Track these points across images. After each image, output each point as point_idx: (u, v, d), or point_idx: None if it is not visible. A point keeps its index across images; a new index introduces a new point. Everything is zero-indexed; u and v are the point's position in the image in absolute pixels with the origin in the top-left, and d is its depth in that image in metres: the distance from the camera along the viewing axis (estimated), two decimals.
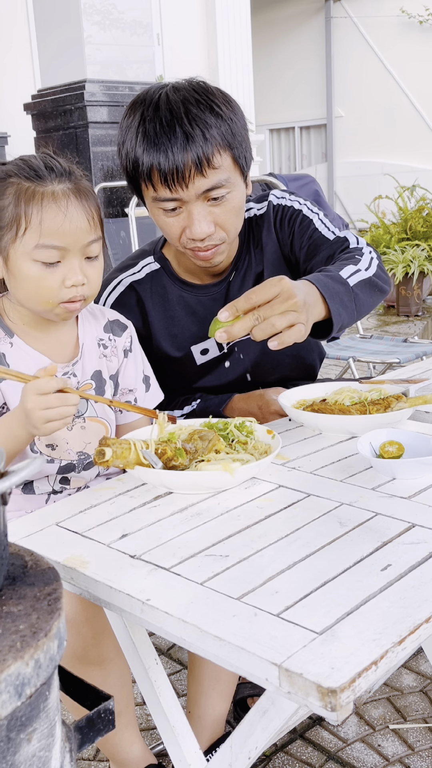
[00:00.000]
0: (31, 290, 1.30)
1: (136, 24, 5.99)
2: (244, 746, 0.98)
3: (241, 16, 8.03)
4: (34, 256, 1.27)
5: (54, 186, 1.28)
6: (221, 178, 1.40)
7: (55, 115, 5.71)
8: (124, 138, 1.43)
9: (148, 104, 1.39)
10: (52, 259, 1.27)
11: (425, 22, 9.80)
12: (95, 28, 5.78)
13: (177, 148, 1.35)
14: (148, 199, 1.45)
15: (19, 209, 1.27)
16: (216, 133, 1.37)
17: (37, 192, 1.27)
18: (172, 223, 1.44)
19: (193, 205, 1.41)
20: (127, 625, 1.06)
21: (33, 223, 1.26)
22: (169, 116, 1.36)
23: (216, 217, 1.44)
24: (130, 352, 1.51)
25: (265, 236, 1.67)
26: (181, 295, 1.65)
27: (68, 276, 1.28)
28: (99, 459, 1.13)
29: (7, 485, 0.64)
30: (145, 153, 1.38)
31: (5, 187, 1.29)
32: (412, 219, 6.11)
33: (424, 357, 3.26)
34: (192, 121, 1.36)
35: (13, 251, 1.28)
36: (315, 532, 1.00)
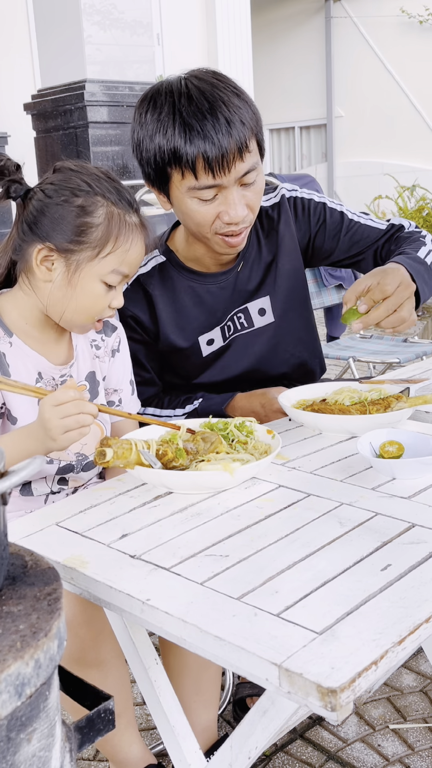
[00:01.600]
0: (87, 305, 1.34)
1: (136, 24, 5.99)
2: (244, 746, 0.98)
3: (241, 16, 8.03)
4: (106, 278, 1.33)
5: (134, 218, 1.35)
6: (254, 161, 1.45)
7: (55, 115, 5.72)
8: (152, 132, 1.42)
9: (177, 95, 1.40)
10: (116, 283, 1.35)
11: (425, 22, 9.80)
12: (95, 28, 5.78)
13: (222, 134, 1.38)
14: (181, 189, 1.44)
15: (110, 233, 1.31)
16: (247, 117, 1.42)
17: (128, 222, 1.33)
18: (207, 211, 1.46)
19: (231, 190, 1.44)
20: (127, 625, 1.06)
21: (120, 250, 1.32)
22: (207, 104, 1.38)
23: (248, 200, 1.47)
24: (117, 352, 1.53)
25: (282, 227, 1.70)
26: (189, 285, 1.66)
27: (117, 299, 1.37)
28: (100, 459, 1.13)
29: (7, 485, 0.64)
30: (189, 143, 1.38)
31: (96, 205, 1.32)
32: (412, 219, 6.11)
33: (424, 357, 3.26)
34: (228, 107, 1.39)
35: (88, 268, 1.32)
36: (315, 532, 1.00)
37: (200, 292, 1.66)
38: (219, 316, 1.68)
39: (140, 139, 1.46)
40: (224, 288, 1.67)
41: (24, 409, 1.35)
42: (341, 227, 1.72)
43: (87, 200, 1.31)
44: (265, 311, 1.70)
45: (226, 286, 1.67)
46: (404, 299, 1.39)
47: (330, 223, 1.71)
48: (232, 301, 1.68)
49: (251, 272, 1.69)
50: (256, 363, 1.71)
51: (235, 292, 1.68)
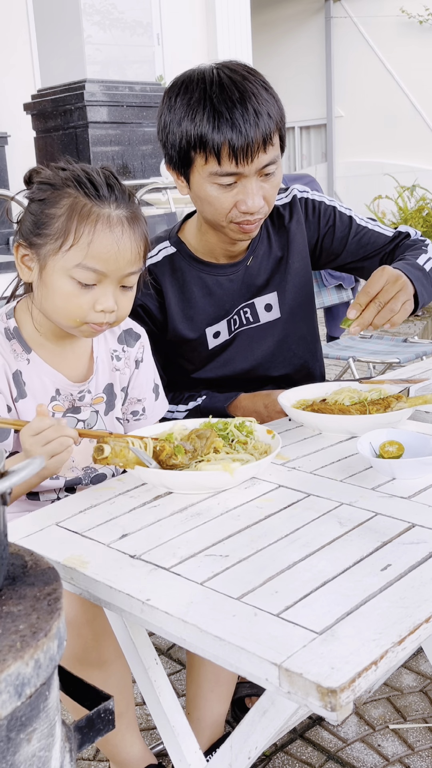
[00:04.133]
0: (59, 304, 1.27)
1: (136, 24, 5.99)
2: (244, 746, 0.98)
3: (241, 16, 8.03)
4: (73, 273, 1.25)
5: (111, 209, 1.26)
6: (275, 155, 1.48)
7: (55, 115, 5.72)
8: (180, 116, 1.45)
9: (209, 82, 1.43)
10: (89, 281, 1.25)
11: (425, 22, 9.80)
12: (95, 28, 5.78)
13: (249, 125, 1.40)
14: (203, 173, 1.47)
15: (71, 224, 1.24)
16: (274, 111, 1.45)
17: (93, 212, 1.24)
18: (225, 198, 1.48)
19: (250, 180, 1.46)
20: (127, 625, 1.06)
21: (81, 242, 1.23)
22: (238, 94, 1.41)
23: (265, 192, 1.50)
24: (141, 363, 1.50)
25: (293, 226, 1.73)
26: (199, 276, 1.67)
27: (100, 300, 1.27)
28: (98, 456, 1.13)
29: (7, 485, 0.64)
30: (216, 129, 1.41)
31: (61, 197, 1.26)
32: (412, 219, 6.11)
33: (424, 357, 3.26)
34: (258, 99, 1.42)
35: (51, 262, 1.26)
36: (315, 532, 1.00)
37: (209, 283, 1.68)
38: (227, 308, 1.69)
39: (167, 123, 1.48)
40: (233, 281, 1.69)
41: None
42: (349, 231, 1.75)
43: (53, 193, 1.27)
44: (272, 307, 1.72)
45: (235, 279, 1.69)
46: (393, 294, 1.43)
47: (339, 226, 1.75)
48: (240, 294, 1.70)
49: (260, 267, 1.71)
50: (260, 359, 1.72)
51: (243, 285, 1.70)
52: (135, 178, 5.71)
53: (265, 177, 1.48)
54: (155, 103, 5.87)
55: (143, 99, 5.79)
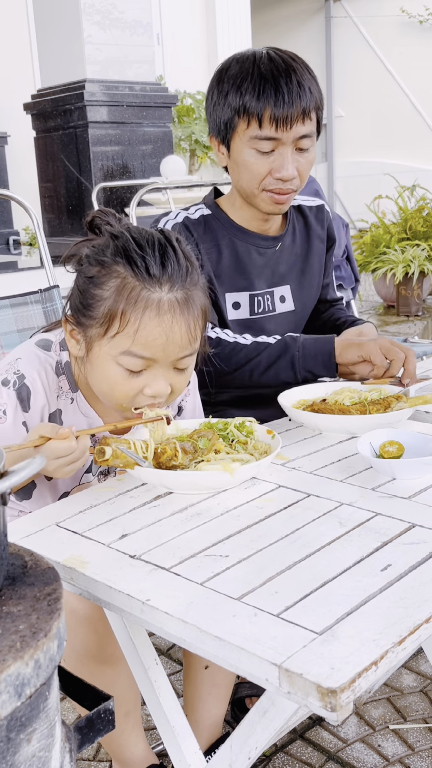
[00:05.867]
0: (105, 389, 1.22)
1: (136, 24, 5.99)
2: (244, 746, 0.98)
3: (241, 16, 8.03)
4: (119, 360, 1.18)
5: (162, 293, 1.17)
6: (311, 130, 1.59)
7: (55, 114, 5.71)
8: (229, 87, 1.56)
9: (259, 58, 1.55)
10: (137, 368, 1.19)
11: (425, 22, 9.79)
12: (95, 28, 5.78)
13: (292, 94, 1.52)
14: (244, 138, 1.56)
15: (116, 309, 1.16)
16: (315, 91, 1.58)
17: (142, 297, 1.16)
18: (261, 163, 1.57)
19: (287, 148, 1.56)
20: (127, 625, 1.06)
21: (128, 330, 1.16)
22: (284, 66, 1.54)
23: (299, 165, 1.59)
24: (183, 410, 1.46)
25: (318, 229, 1.84)
26: (231, 240, 1.72)
27: (151, 385, 1.20)
28: (99, 458, 1.13)
29: (7, 485, 0.64)
30: (261, 94, 1.52)
31: (109, 276, 1.18)
32: (412, 219, 6.10)
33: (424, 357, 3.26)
34: (302, 77, 1.55)
35: (98, 346, 1.20)
36: (315, 532, 1.00)
37: (240, 249, 1.72)
38: (251, 281, 1.72)
39: (218, 94, 1.59)
40: (262, 255, 1.74)
41: None
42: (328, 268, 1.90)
43: (101, 270, 1.19)
44: (285, 299, 1.78)
45: (264, 255, 1.74)
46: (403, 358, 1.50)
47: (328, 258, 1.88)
48: (265, 275, 1.74)
49: (284, 257, 1.77)
50: None
51: (268, 266, 1.75)
52: (135, 178, 5.71)
53: (300, 151, 1.58)
54: (155, 103, 5.87)
55: (143, 99, 5.79)
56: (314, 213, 1.84)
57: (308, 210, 1.84)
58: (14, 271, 5.23)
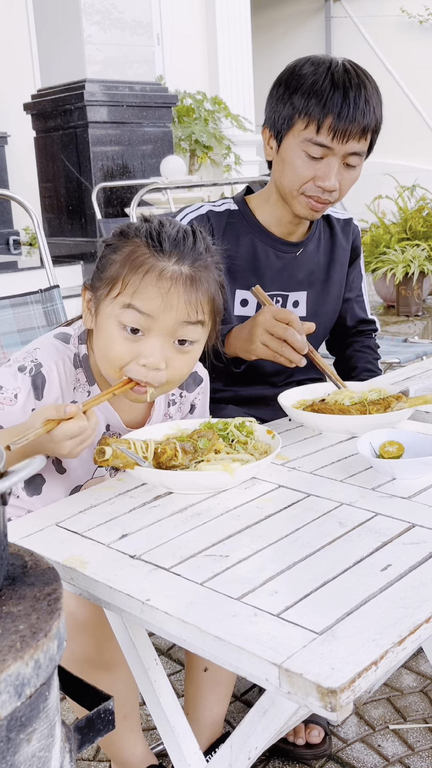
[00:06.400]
0: (103, 349, 1.25)
1: (136, 24, 5.98)
2: (244, 746, 0.98)
3: (241, 16, 8.03)
4: (120, 318, 1.21)
5: (168, 264, 1.21)
6: (363, 149, 1.59)
7: (55, 114, 5.71)
8: (300, 82, 1.54)
9: (334, 65, 1.55)
10: (136, 324, 1.20)
11: (425, 22, 9.79)
12: (95, 28, 5.78)
13: (358, 109, 1.52)
14: (298, 138, 1.56)
15: (121, 272, 1.22)
16: (378, 114, 1.57)
17: (147, 263, 1.21)
18: (307, 168, 1.57)
19: (336, 160, 1.56)
20: (127, 625, 1.06)
21: (127, 291, 1.21)
22: (357, 81, 1.53)
23: (341, 179, 1.59)
24: (196, 408, 1.47)
25: (343, 242, 1.84)
26: (251, 237, 1.72)
27: (144, 353, 1.21)
28: (99, 458, 1.13)
29: (7, 485, 0.64)
30: (329, 99, 1.51)
31: (125, 244, 1.25)
32: (412, 219, 6.10)
33: (424, 357, 3.26)
34: (370, 96, 1.55)
35: (102, 306, 1.25)
36: (315, 532, 1.00)
37: (258, 248, 1.72)
38: (264, 282, 1.71)
39: (283, 91, 1.57)
40: (280, 258, 1.73)
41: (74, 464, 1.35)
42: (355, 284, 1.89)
43: (121, 239, 1.26)
44: (299, 304, 1.77)
45: (282, 259, 1.73)
46: None
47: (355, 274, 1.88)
48: (281, 279, 1.74)
49: (304, 263, 1.77)
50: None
51: (286, 271, 1.74)
52: (135, 178, 5.71)
53: (347, 166, 1.58)
54: (155, 103, 5.87)
55: (143, 99, 5.79)
56: (341, 225, 1.84)
57: (336, 221, 1.83)
58: (14, 271, 5.23)
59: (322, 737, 1.60)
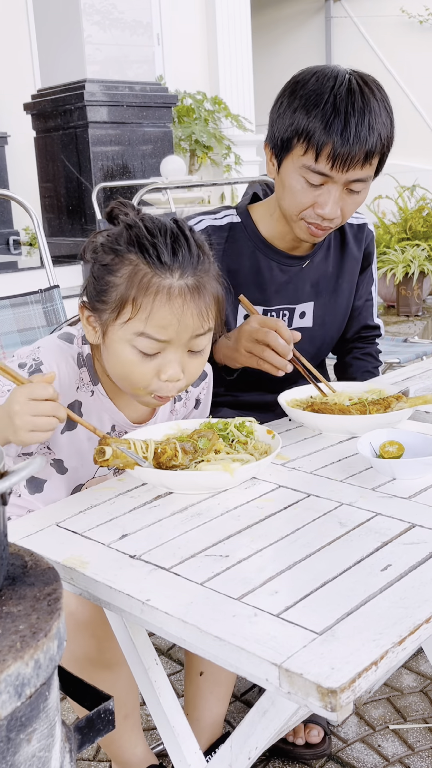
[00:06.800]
0: (122, 373, 1.24)
1: (136, 24, 5.98)
2: (244, 746, 0.98)
3: (241, 16, 8.02)
4: (134, 342, 1.20)
5: (173, 279, 1.19)
6: (368, 174, 1.50)
7: (55, 114, 5.71)
8: (300, 103, 1.45)
9: (339, 82, 1.44)
10: (152, 350, 1.20)
11: (425, 22, 9.79)
12: (95, 28, 5.78)
13: (359, 137, 1.43)
14: (296, 163, 1.49)
15: (129, 294, 1.19)
16: (385, 134, 1.47)
17: (153, 284, 1.18)
18: (306, 195, 1.51)
19: (336, 187, 1.49)
20: (127, 625, 1.06)
21: (140, 315, 1.19)
22: (361, 104, 1.43)
23: (344, 205, 1.52)
24: (201, 402, 1.47)
25: (354, 250, 1.77)
26: (254, 251, 1.68)
27: (165, 369, 1.21)
28: (99, 458, 1.13)
29: (7, 485, 0.64)
30: (328, 129, 1.42)
31: (122, 263, 1.21)
32: (412, 219, 6.11)
33: (424, 357, 3.26)
34: (376, 117, 1.44)
35: (112, 330, 1.22)
36: (315, 532, 1.00)
37: (261, 263, 1.68)
38: (267, 297, 1.68)
39: (284, 104, 1.49)
40: (285, 272, 1.69)
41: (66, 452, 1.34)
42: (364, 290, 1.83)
43: (115, 258, 1.22)
44: (305, 314, 1.73)
45: (287, 273, 1.69)
46: None
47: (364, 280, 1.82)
48: (286, 293, 1.70)
49: (311, 274, 1.72)
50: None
51: (292, 285, 1.70)
52: (135, 178, 5.71)
53: (349, 192, 1.50)
54: (155, 103, 5.87)
55: (143, 99, 5.79)
56: (354, 231, 1.77)
57: (348, 228, 1.76)
58: (14, 271, 5.23)
59: (321, 737, 1.60)
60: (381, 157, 1.50)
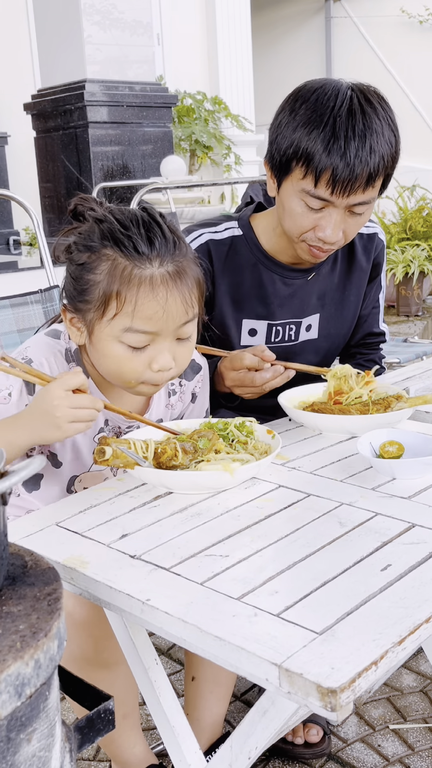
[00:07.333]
0: (113, 368, 1.23)
1: (136, 24, 5.98)
2: (244, 746, 0.98)
3: (241, 16, 8.03)
4: (122, 338, 1.20)
5: (153, 268, 1.19)
6: (371, 197, 1.46)
7: (55, 115, 5.72)
8: (299, 123, 1.41)
9: (340, 102, 1.39)
10: (141, 344, 1.20)
11: (425, 22, 9.79)
12: (95, 28, 5.78)
13: (360, 161, 1.38)
14: (296, 186, 1.45)
15: (111, 290, 1.18)
16: (389, 153, 1.42)
17: (135, 276, 1.18)
18: (307, 218, 1.47)
19: (337, 212, 1.45)
20: (127, 625, 1.06)
21: (126, 309, 1.18)
22: (362, 126, 1.38)
23: (347, 227, 1.48)
24: (197, 396, 1.47)
25: (363, 261, 1.74)
26: (256, 265, 1.65)
27: (156, 359, 1.21)
28: (99, 458, 1.13)
29: (7, 485, 0.64)
30: (328, 154, 1.38)
31: (99, 260, 1.20)
32: (412, 219, 6.10)
33: (424, 357, 3.26)
34: (378, 139, 1.39)
35: (98, 328, 1.22)
36: (315, 532, 1.00)
37: (264, 277, 1.65)
38: (272, 311, 1.66)
39: (283, 123, 1.45)
40: (288, 286, 1.66)
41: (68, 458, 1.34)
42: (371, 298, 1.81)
43: (92, 256, 1.21)
44: (311, 327, 1.72)
45: (291, 286, 1.67)
46: None
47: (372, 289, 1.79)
48: (291, 307, 1.67)
49: (317, 286, 1.69)
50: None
51: (297, 298, 1.67)
52: (135, 178, 5.71)
53: (351, 213, 1.47)
54: (155, 103, 5.87)
55: (143, 99, 5.79)
56: (363, 242, 1.73)
57: (357, 238, 1.72)
58: (14, 271, 5.23)
59: (321, 736, 1.60)
60: (385, 177, 1.46)
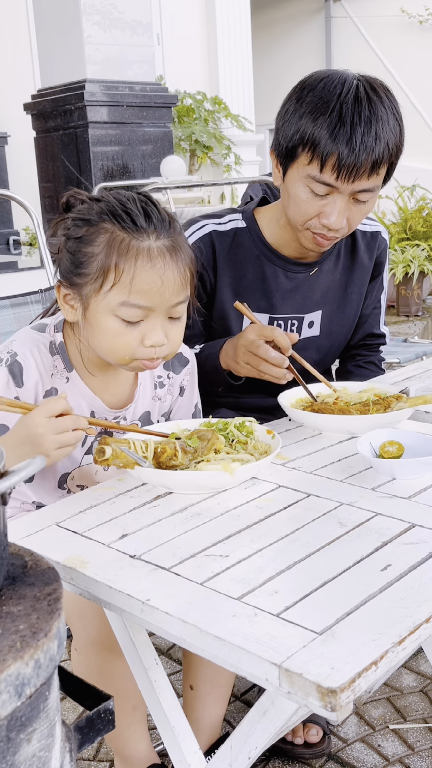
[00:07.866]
0: (107, 344, 1.24)
1: (136, 24, 5.98)
2: (244, 746, 0.98)
3: (241, 16, 8.03)
4: (117, 312, 1.21)
5: (151, 241, 1.21)
6: (376, 184, 1.47)
7: (55, 115, 5.72)
8: (306, 110, 1.43)
9: (347, 90, 1.41)
10: (135, 318, 1.22)
11: (425, 22, 9.80)
12: (95, 28, 5.78)
13: (365, 147, 1.39)
14: (301, 173, 1.46)
15: (110, 261, 1.20)
16: (393, 142, 1.44)
17: (133, 246, 1.20)
18: (312, 204, 1.48)
19: (342, 198, 1.46)
20: (127, 625, 1.06)
21: (123, 280, 1.19)
22: (368, 113, 1.40)
23: (351, 215, 1.49)
24: (185, 390, 1.47)
25: (365, 259, 1.74)
26: (259, 258, 1.65)
27: (149, 335, 1.23)
28: (99, 457, 1.13)
29: (7, 485, 0.64)
30: (333, 139, 1.39)
31: (97, 233, 1.22)
32: (412, 219, 6.11)
33: (424, 357, 3.26)
34: (384, 126, 1.41)
35: (94, 302, 1.23)
36: (315, 532, 1.00)
37: (267, 270, 1.65)
38: (273, 304, 1.66)
39: (290, 111, 1.46)
40: (291, 279, 1.67)
41: None
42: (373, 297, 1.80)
43: (89, 229, 1.23)
44: (314, 324, 1.72)
45: (294, 280, 1.67)
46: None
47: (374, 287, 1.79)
48: (294, 301, 1.68)
49: (320, 282, 1.69)
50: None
51: (299, 293, 1.68)
52: (135, 178, 5.71)
53: (356, 201, 1.48)
54: (155, 103, 5.87)
55: (143, 99, 5.79)
56: (366, 240, 1.74)
57: (360, 235, 1.73)
58: (14, 271, 5.23)
59: (320, 736, 1.60)
60: (389, 166, 1.47)
